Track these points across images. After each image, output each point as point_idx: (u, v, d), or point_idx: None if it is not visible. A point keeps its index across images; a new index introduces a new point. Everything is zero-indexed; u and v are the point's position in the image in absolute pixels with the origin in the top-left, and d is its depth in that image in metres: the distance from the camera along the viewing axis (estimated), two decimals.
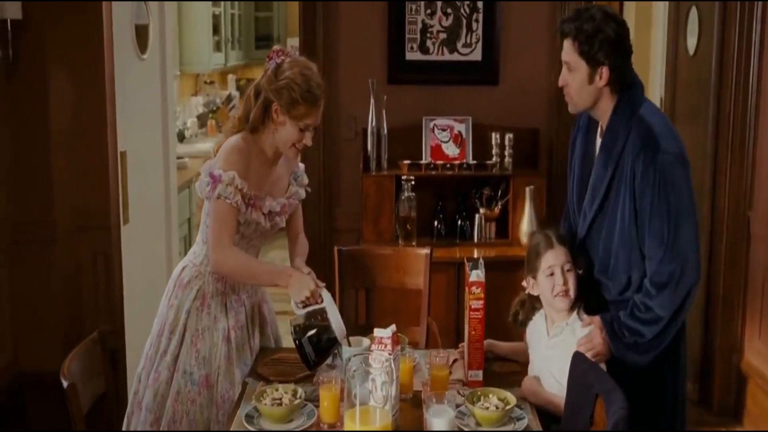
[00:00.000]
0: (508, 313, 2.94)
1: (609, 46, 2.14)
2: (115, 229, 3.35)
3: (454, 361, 2.45)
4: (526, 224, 3.61)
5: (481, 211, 3.72)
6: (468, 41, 3.80)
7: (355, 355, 1.90)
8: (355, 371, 1.83)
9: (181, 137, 5.70)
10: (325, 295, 2.30)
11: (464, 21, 3.77)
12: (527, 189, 3.59)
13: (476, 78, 3.82)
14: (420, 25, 3.78)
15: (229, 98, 7.01)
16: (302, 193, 2.57)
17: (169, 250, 3.98)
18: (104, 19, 3.18)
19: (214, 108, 6.45)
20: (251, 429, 2.00)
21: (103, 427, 2.25)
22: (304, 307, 2.29)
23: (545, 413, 2.22)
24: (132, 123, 3.43)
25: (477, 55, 3.81)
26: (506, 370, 2.45)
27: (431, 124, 3.72)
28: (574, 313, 2.27)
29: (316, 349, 2.24)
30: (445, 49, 3.80)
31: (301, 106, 2.31)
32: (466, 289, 2.29)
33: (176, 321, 2.41)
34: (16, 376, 3.34)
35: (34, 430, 3.33)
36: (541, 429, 2.10)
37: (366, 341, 2.26)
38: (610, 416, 1.87)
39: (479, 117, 3.77)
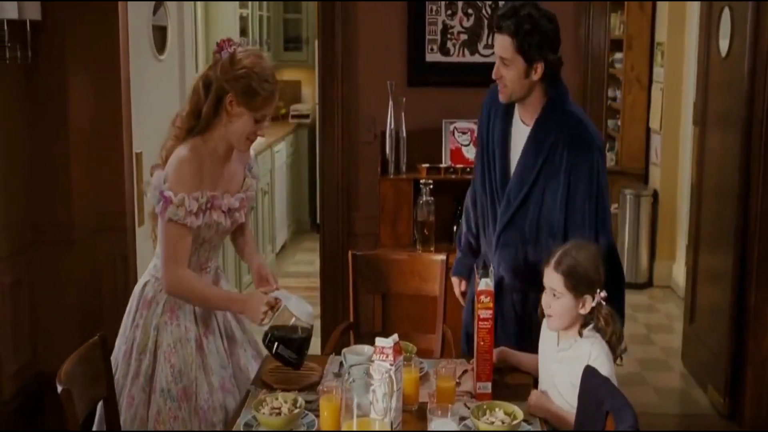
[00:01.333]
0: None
1: (545, 43, 2.29)
2: (131, 231, 3.35)
3: (464, 372, 2.38)
4: None
5: None
6: (490, 42, 3.71)
7: (353, 366, 1.84)
8: (352, 382, 1.78)
9: None
10: (280, 294, 2.29)
11: (486, 22, 3.69)
12: None
13: None
14: (440, 26, 3.71)
15: None
16: (256, 185, 2.51)
17: None
18: (120, 20, 3.18)
19: None
20: None
21: None
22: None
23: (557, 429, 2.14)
24: (149, 124, 3.42)
25: None
26: (517, 382, 2.37)
27: (451, 127, 3.65)
28: (585, 330, 2.17)
29: (294, 349, 2.21)
30: (466, 50, 3.73)
31: (259, 97, 2.22)
32: (475, 298, 2.22)
33: (145, 340, 2.32)
34: (35, 376, 3.35)
35: (50, 430, 3.34)
36: None
37: (368, 350, 2.21)
38: None
39: None
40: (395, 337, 1.98)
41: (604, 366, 2.07)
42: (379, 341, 1.96)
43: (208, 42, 5.91)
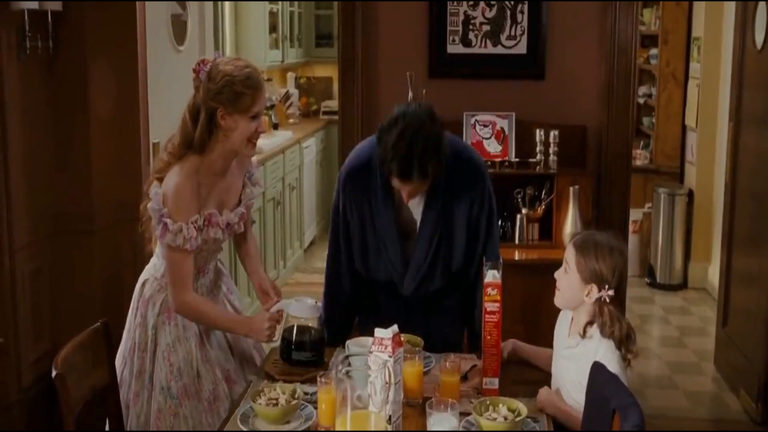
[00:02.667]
0: (550, 319, 2.79)
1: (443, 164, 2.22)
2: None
3: (473, 367, 2.32)
4: (569, 226, 3.44)
5: (524, 211, 3.56)
6: (512, 33, 3.64)
7: (348, 356, 1.79)
8: (344, 373, 1.73)
9: None
10: (280, 304, 2.30)
11: (509, 12, 3.61)
12: (571, 189, 3.41)
13: (521, 72, 3.65)
14: (462, 17, 3.63)
15: (287, 96, 7.01)
16: (257, 192, 2.48)
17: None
18: (138, 11, 3.18)
19: (270, 105, 6.45)
20: (243, 429, 1.92)
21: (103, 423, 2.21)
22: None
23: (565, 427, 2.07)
24: (167, 114, 3.42)
25: (522, 48, 3.64)
26: (527, 378, 2.30)
27: (472, 120, 3.58)
28: (596, 328, 2.09)
29: (309, 349, 2.21)
30: (488, 41, 3.65)
31: (247, 96, 2.20)
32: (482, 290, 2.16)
33: (144, 338, 2.34)
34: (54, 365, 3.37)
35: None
36: None
37: (369, 341, 2.16)
38: None
39: (523, 113, 3.61)
40: (395, 328, 1.92)
41: (611, 364, 1.99)
42: (378, 332, 1.91)
43: (237, 38, 5.94)
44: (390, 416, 1.89)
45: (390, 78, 3.68)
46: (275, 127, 6.34)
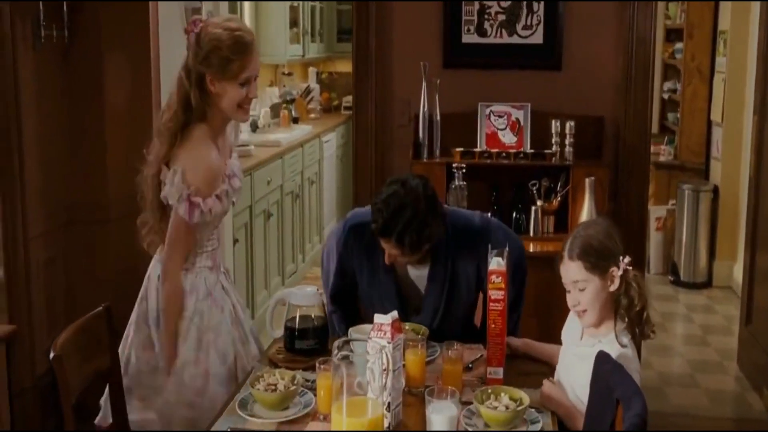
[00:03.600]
0: (564, 313, 2.71)
1: (434, 230, 2.27)
2: None
3: (479, 357, 2.29)
4: (585, 218, 3.37)
5: (539, 203, 3.51)
6: (528, 23, 3.58)
7: (346, 341, 1.76)
8: (342, 358, 1.70)
9: (255, 127, 5.72)
10: (283, 293, 2.30)
11: (524, 1, 3.54)
12: (587, 180, 3.35)
13: (537, 62, 3.59)
14: (477, 7, 3.58)
15: (308, 90, 7.01)
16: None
17: (222, 238, 3.94)
18: (151, 1, 3.19)
19: (290, 99, 6.46)
20: (241, 414, 1.91)
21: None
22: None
23: None
24: None
25: (538, 38, 3.58)
26: (534, 370, 2.26)
27: (487, 111, 3.54)
28: (612, 330, 2.02)
29: (311, 337, 2.20)
30: (503, 31, 3.60)
31: (235, 62, 2.14)
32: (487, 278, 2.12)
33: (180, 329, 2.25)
34: None
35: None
36: None
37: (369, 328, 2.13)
38: (625, 423, 1.67)
39: (539, 103, 3.55)
40: (394, 314, 1.89)
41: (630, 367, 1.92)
42: (378, 318, 1.88)
43: (257, 31, 5.95)
44: (389, 403, 1.87)
45: (404, 68, 3.65)
46: (295, 121, 6.34)
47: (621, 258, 2.00)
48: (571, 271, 2.03)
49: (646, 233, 3.78)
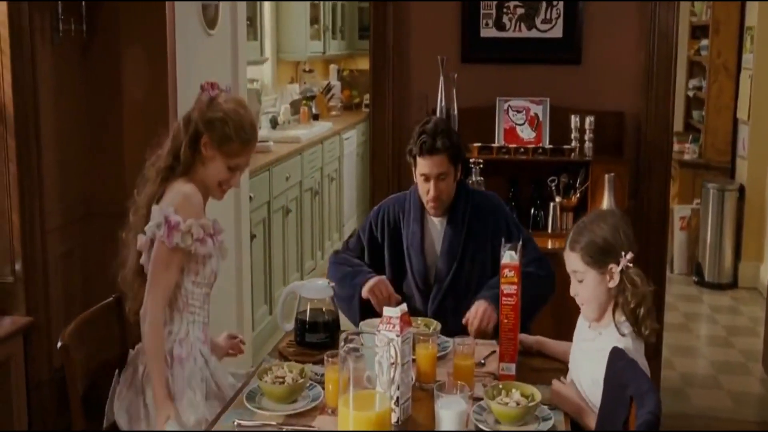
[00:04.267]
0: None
1: (460, 146, 2.61)
2: None
3: (492, 353, 2.25)
4: None
5: (557, 199, 3.46)
6: (548, 17, 3.53)
7: (351, 334, 1.74)
8: (348, 351, 1.68)
9: (274, 123, 5.72)
10: (293, 286, 2.30)
11: None
12: (606, 176, 3.30)
13: (556, 56, 3.54)
14: (496, 0, 3.55)
15: (328, 87, 7.00)
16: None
17: (239, 233, 3.96)
18: None
19: (310, 95, 6.45)
20: (249, 406, 1.89)
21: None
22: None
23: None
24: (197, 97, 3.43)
25: (557, 32, 3.53)
26: (547, 366, 2.23)
27: (506, 106, 3.49)
28: (611, 322, 1.98)
29: (322, 331, 2.19)
30: (522, 25, 3.55)
31: (234, 143, 2.14)
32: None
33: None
34: None
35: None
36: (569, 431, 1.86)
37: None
38: (637, 420, 1.63)
39: (558, 98, 3.50)
40: (403, 306, 1.87)
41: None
42: (387, 310, 1.86)
43: (278, 27, 5.96)
44: (398, 398, 1.84)
45: (422, 63, 3.61)
46: (315, 117, 6.33)
47: (623, 254, 1.96)
48: (571, 261, 2.02)
49: (667, 232, 3.70)
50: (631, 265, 1.96)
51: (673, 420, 3.64)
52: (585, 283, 1.99)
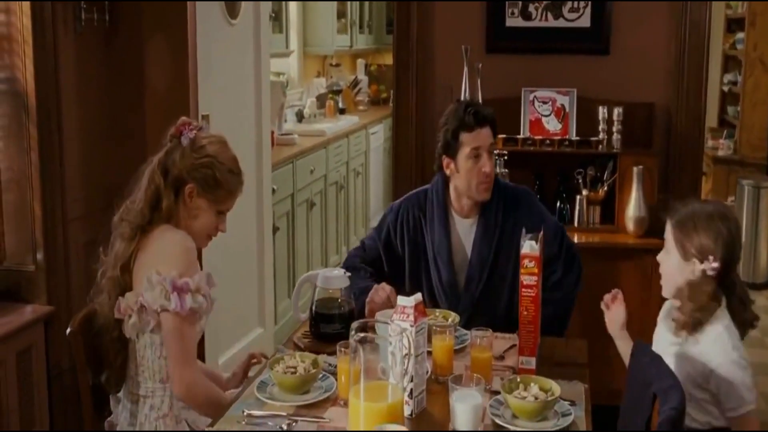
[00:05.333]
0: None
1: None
2: None
3: (512, 346, 2.19)
4: (632, 209, 3.24)
5: (584, 192, 3.38)
6: (575, 5, 3.45)
7: (360, 324, 1.69)
8: (359, 340, 1.63)
9: (300, 116, 5.69)
10: (308, 275, 2.27)
11: None
12: (635, 169, 3.21)
13: (584, 46, 3.46)
14: None
15: (355, 82, 6.96)
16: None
17: (261, 225, 3.93)
18: None
19: (337, 90, 6.42)
20: (259, 396, 1.85)
21: None
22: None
23: (603, 414, 1.92)
24: (218, 87, 3.41)
25: (585, 21, 3.44)
26: (571, 361, 2.15)
27: (531, 96, 3.42)
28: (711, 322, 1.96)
29: (338, 321, 2.15)
30: (549, 14, 3.47)
31: (224, 189, 2.01)
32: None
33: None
34: None
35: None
36: (590, 429, 1.79)
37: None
38: (660, 417, 1.56)
39: (585, 89, 3.42)
40: (418, 296, 1.81)
41: (725, 363, 1.88)
42: (401, 300, 1.80)
43: (305, 23, 5.93)
44: (411, 390, 1.79)
45: (446, 53, 3.55)
46: (342, 111, 6.30)
47: (710, 258, 1.94)
48: (666, 230, 2.04)
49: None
50: (711, 275, 1.94)
51: None
52: (668, 259, 2.02)
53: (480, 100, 3.39)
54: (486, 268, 2.42)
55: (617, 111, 3.31)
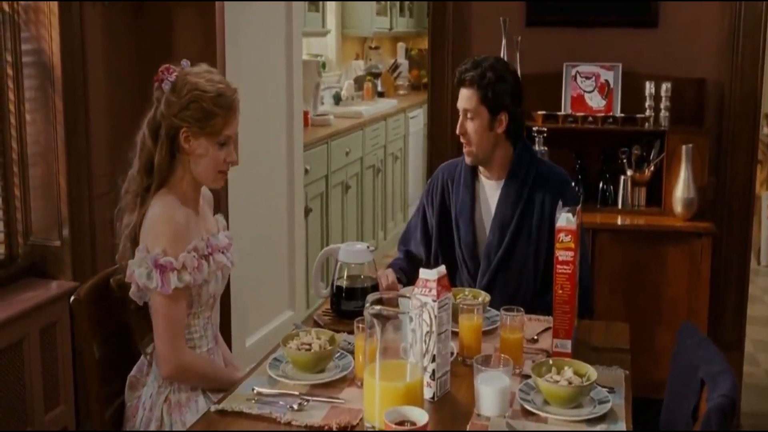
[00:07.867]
0: (653, 293, 2.41)
1: (508, 94, 2.29)
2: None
3: (546, 329, 2.05)
4: (680, 190, 3.05)
5: (629, 172, 3.20)
6: None
7: (376, 297, 1.56)
8: (374, 315, 1.51)
9: (338, 99, 5.59)
10: (331, 249, 2.21)
11: None
12: (684, 148, 3.02)
13: (630, 19, 3.26)
14: None
15: (395, 65, 6.83)
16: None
17: (292, 205, 3.82)
18: None
19: (375, 73, 6.29)
20: (271, 374, 1.74)
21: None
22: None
23: (645, 407, 1.76)
24: (244, 64, 3.32)
25: None
26: (611, 346, 2.00)
27: (573, 72, 3.25)
28: None
29: (359, 298, 2.06)
30: None
31: (218, 117, 1.86)
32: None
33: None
34: None
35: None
36: (629, 419, 1.64)
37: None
38: (708, 404, 1.40)
39: (631, 64, 3.23)
40: (442, 268, 1.68)
41: None
42: (423, 273, 1.67)
43: (343, 3, 5.82)
44: (434, 371, 1.66)
45: (483, 26, 3.39)
46: (380, 95, 6.18)
47: None
48: None
49: (752, 217, 3.37)
50: None
51: (756, 419, 3.38)
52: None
53: (519, 76, 3.24)
54: (507, 231, 2.32)
55: (665, 86, 3.12)
